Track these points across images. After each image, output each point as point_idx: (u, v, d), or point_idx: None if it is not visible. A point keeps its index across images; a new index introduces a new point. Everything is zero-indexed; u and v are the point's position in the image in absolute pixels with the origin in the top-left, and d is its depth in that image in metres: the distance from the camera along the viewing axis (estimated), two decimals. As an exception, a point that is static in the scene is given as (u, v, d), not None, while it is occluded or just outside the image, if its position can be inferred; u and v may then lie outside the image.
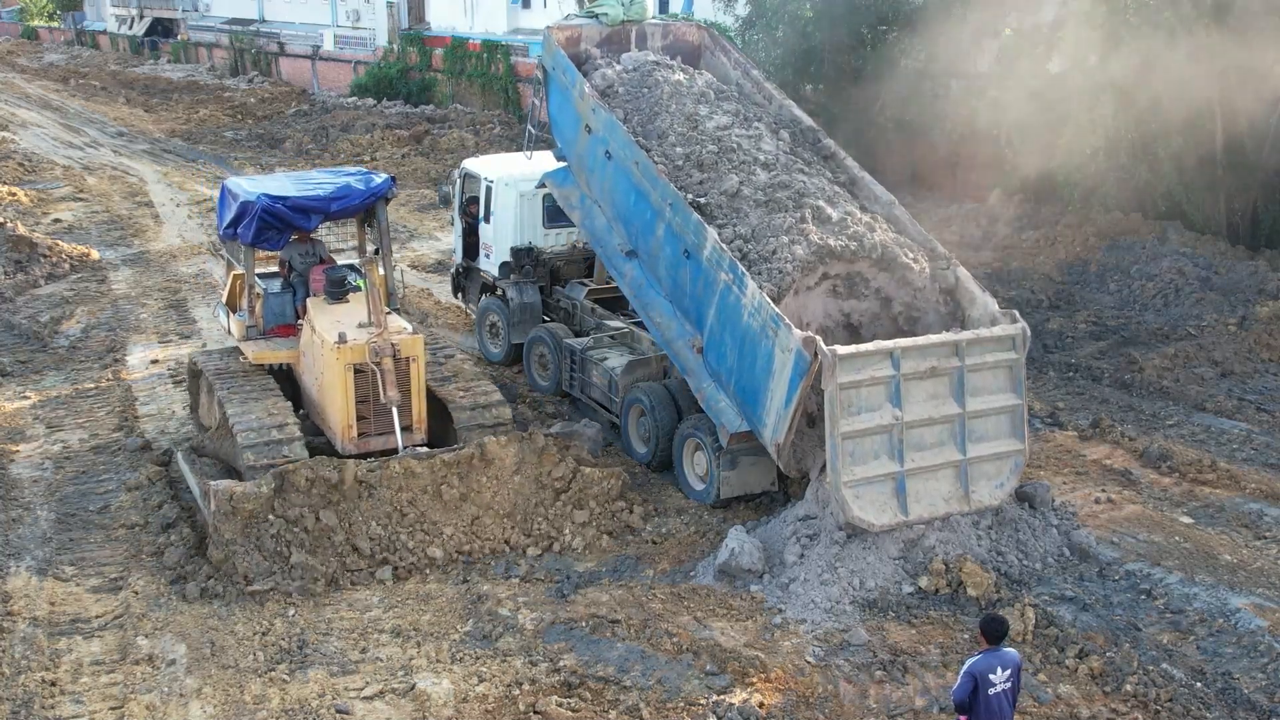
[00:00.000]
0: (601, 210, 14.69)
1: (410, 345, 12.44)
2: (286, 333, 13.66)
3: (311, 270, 13.72)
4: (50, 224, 26.61)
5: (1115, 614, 10.94)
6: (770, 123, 14.82)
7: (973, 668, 8.18)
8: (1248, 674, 10.12)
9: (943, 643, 10.52)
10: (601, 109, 14.35)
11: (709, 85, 15.25)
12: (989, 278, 21.04)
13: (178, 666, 10.17)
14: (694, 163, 13.80)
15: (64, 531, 12.52)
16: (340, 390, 12.22)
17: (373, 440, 12.47)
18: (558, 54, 15.34)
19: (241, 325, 13.70)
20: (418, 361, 12.51)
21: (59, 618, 10.91)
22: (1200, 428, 15.24)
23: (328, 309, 13.09)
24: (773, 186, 13.25)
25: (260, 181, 14.00)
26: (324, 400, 12.73)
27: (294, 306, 13.71)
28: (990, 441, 12.12)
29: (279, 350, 13.46)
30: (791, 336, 11.47)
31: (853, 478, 11.43)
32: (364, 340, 12.18)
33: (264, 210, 12.68)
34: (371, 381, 12.15)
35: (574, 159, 15.18)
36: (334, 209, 13.16)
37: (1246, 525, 12.67)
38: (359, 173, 14.22)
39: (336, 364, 12.17)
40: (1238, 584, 11.48)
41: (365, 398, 12.29)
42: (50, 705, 9.67)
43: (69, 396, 16.53)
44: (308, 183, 13.58)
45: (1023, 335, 12.33)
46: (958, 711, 8.35)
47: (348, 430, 12.40)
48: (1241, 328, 18.05)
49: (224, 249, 14.66)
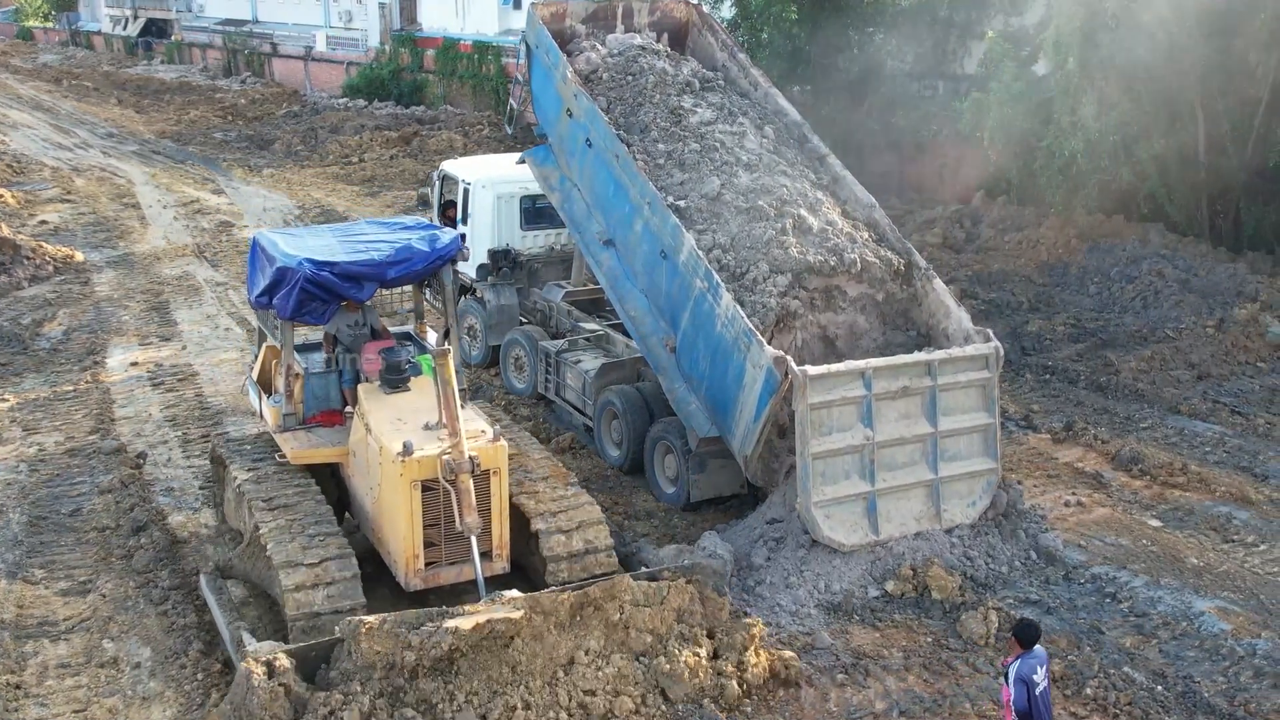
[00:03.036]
0: (581, 195, 14.50)
1: (492, 455, 9.88)
2: (330, 420, 11.27)
3: (363, 347, 11.36)
4: (36, 226, 26.64)
5: (1079, 617, 10.98)
6: (754, 117, 14.70)
7: (1021, 673, 8.24)
8: (1209, 677, 10.15)
9: (905, 645, 10.56)
10: (584, 96, 14.14)
11: (694, 74, 15.11)
12: (970, 279, 21.17)
13: (142, 670, 10.20)
14: (675, 161, 13.71)
15: (35, 535, 12.56)
16: (404, 513, 9.74)
17: (443, 572, 10.01)
18: (541, 31, 15.03)
19: (277, 413, 11.20)
20: (500, 474, 10.00)
21: (26, 620, 10.94)
22: (1174, 430, 15.27)
23: (384, 400, 10.62)
24: (754, 191, 13.18)
25: (300, 239, 11.35)
26: (381, 519, 10.28)
27: (340, 388, 11.34)
28: (963, 461, 12.09)
29: (324, 448, 10.98)
30: (763, 354, 11.44)
31: (823, 498, 11.41)
32: (435, 452, 9.63)
33: (307, 280, 10.37)
34: (444, 502, 9.71)
35: (555, 139, 14.97)
36: (391, 275, 10.87)
37: (1215, 528, 12.70)
38: (419, 226, 11.84)
39: (400, 481, 9.67)
40: (1203, 587, 11.52)
41: (435, 521, 9.83)
42: (15, 708, 9.69)
43: (47, 399, 16.56)
44: (359, 241, 11.20)
45: (995, 354, 12.27)
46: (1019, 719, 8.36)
47: (413, 562, 9.88)
48: (1220, 330, 18.09)
49: (255, 316, 12.27)
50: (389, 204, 28.90)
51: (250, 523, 10.50)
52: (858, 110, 28.20)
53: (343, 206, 28.75)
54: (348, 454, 10.89)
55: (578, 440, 14.86)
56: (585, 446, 14.66)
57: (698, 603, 9.71)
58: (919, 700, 9.82)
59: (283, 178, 32.88)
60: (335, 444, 10.94)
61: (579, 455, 14.54)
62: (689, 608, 9.65)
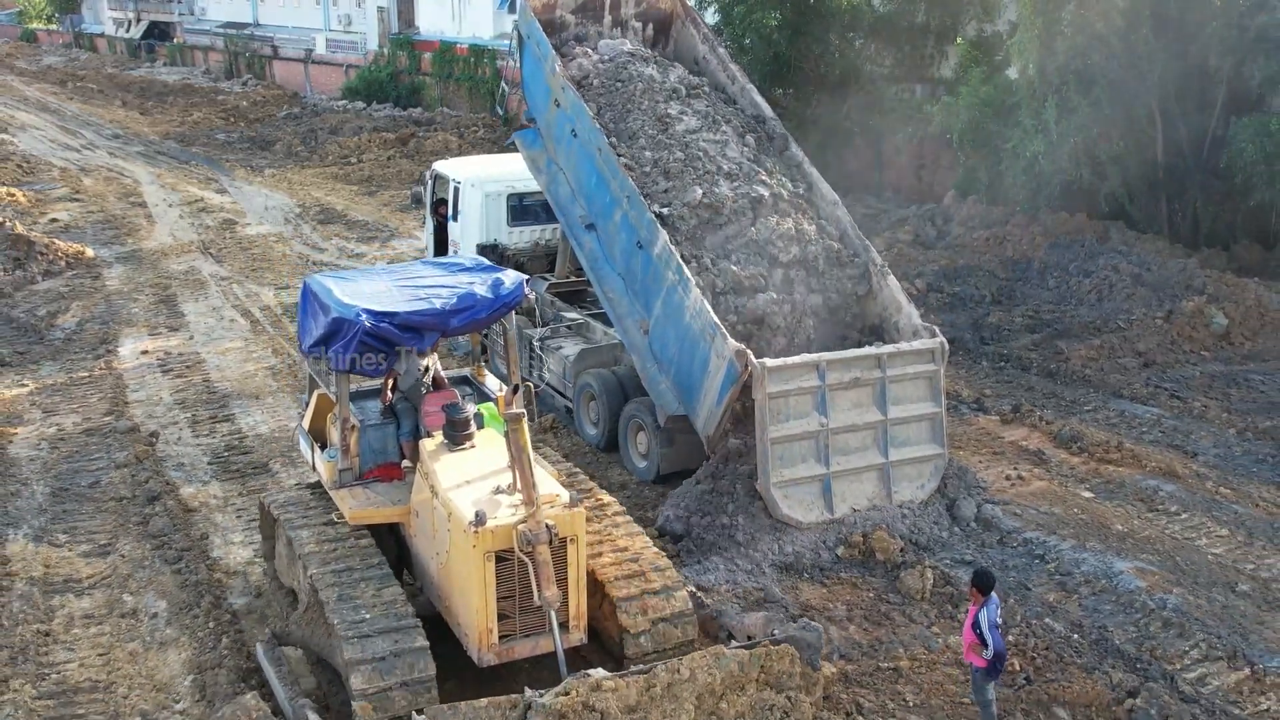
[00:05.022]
0: (566, 180, 15.46)
1: (569, 523, 9.19)
2: (388, 474, 10.62)
3: (425, 398, 10.69)
4: (48, 223, 27.76)
5: (1009, 576, 12.06)
6: (737, 125, 15.56)
7: (992, 619, 9.24)
8: (1121, 627, 11.23)
9: (849, 600, 11.65)
10: (571, 90, 15.06)
11: (681, 80, 15.94)
12: (937, 274, 22.28)
13: (159, 619, 11.31)
14: (661, 169, 14.57)
15: (58, 504, 13.66)
16: (477, 585, 9.04)
17: (518, 645, 9.30)
18: (532, 24, 15.93)
19: (333, 468, 10.49)
20: (578, 541, 9.29)
21: (53, 578, 12.05)
22: (1115, 413, 16.38)
23: (449, 458, 9.91)
24: (736, 201, 14.07)
25: (354, 284, 10.57)
26: (450, 588, 9.56)
27: (398, 441, 10.70)
28: (912, 446, 13.10)
29: (384, 508, 10.27)
30: (726, 346, 12.50)
31: (781, 479, 12.43)
32: (510, 521, 8.97)
33: (366, 333, 9.67)
34: (519, 573, 9.06)
35: (543, 125, 15.90)
36: (454, 325, 10.19)
37: (1142, 500, 13.79)
38: (478, 268, 11.08)
39: (473, 552, 8.96)
40: (1125, 550, 12.61)
41: (510, 593, 9.14)
42: (45, 653, 10.79)
43: (64, 384, 17.67)
44: (417, 287, 10.49)
45: (941, 349, 13.33)
46: (996, 661, 9.32)
47: (486, 636, 9.18)
48: (1168, 321, 19.18)
49: (306, 363, 11.62)
50: (386, 203, 30.04)
51: (305, 584, 10.01)
52: (837, 113, 29.33)
53: (341, 205, 29.88)
54: (409, 513, 10.22)
55: (559, 421, 15.97)
56: (566, 426, 15.77)
57: (795, 675, 9.10)
58: (858, 645, 10.91)
59: (284, 177, 34.01)
60: (395, 502, 10.28)
61: (560, 434, 15.65)
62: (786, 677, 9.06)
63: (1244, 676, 10.43)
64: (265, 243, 26.35)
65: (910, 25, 29.36)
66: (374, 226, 27.70)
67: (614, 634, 9.85)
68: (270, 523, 11.31)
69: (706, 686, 8.64)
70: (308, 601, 9.97)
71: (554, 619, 9.00)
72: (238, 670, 10.34)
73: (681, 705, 8.58)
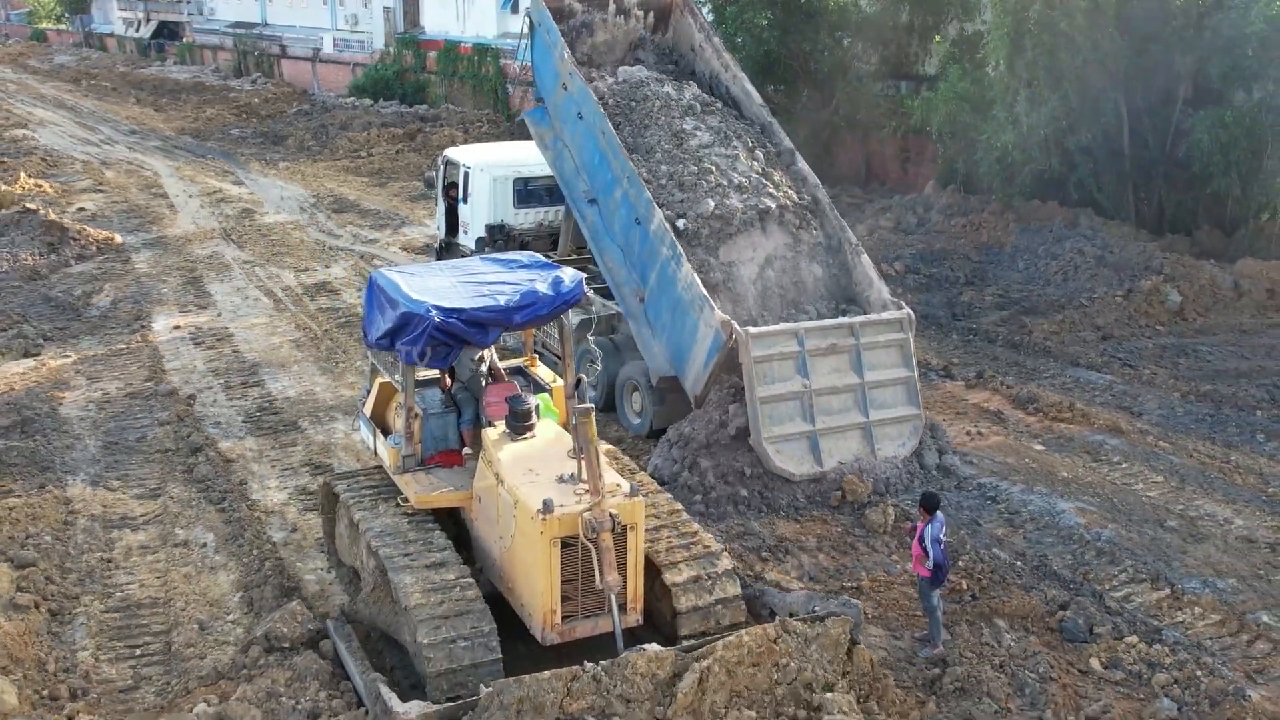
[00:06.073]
0: (571, 157, 16.84)
1: (630, 512, 9.71)
2: (449, 461, 11.11)
3: (485, 389, 11.21)
4: (75, 212, 29.22)
5: (963, 514, 13.54)
6: (747, 141, 16.63)
7: (935, 535, 10.67)
8: (1060, 555, 12.69)
9: (819, 534, 13.12)
10: (577, 75, 16.43)
11: (695, 98, 17.14)
12: (915, 256, 23.78)
13: (208, 548, 12.80)
14: (676, 182, 15.78)
15: (109, 455, 15.14)
16: (543, 569, 9.53)
17: (579, 625, 9.82)
18: (543, 11, 17.33)
19: (396, 454, 10.97)
20: (637, 530, 9.84)
21: (110, 516, 13.52)
22: (1071, 379, 17.86)
23: (511, 447, 10.39)
24: (745, 212, 15.32)
25: (420, 279, 11.06)
26: (514, 571, 10.07)
27: (458, 429, 11.21)
28: (890, 408, 14.46)
29: (447, 492, 10.74)
30: (713, 316, 13.94)
31: (772, 435, 13.79)
32: (576, 510, 9.48)
33: (436, 328, 10.15)
34: (582, 558, 9.57)
35: (551, 105, 17.29)
36: (517, 320, 10.68)
37: (1088, 452, 15.27)
38: (535, 265, 11.45)
39: (541, 538, 9.46)
40: (1068, 493, 14.08)
41: (572, 576, 9.64)
42: (108, 576, 12.27)
43: (104, 355, 19.15)
44: (481, 284, 10.94)
45: (908, 319, 14.74)
46: (938, 571, 10.75)
47: (550, 617, 9.67)
48: (1126, 299, 20.67)
49: (369, 354, 12.23)
50: (396, 193, 31.56)
51: (371, 565, 10.56)
52: (826, 108, 30.84)
53: (354, 195, 31.40)
54: (471, 498, 10.71)
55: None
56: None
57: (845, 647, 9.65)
58: (825, 570, 12.39)
59: (297, 170, 35.53)
60: (458, 487, 10.76)
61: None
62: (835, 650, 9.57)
63: (1164, 595, 11.89)
64: (283, 230, 27.88)
65: (895, 24, 30.83)
66: (386, 215, 29.24)
67: (666, 615, 10.31)
68: (332, 503, 11.79)
69: (766, 657, 9.13)
70: (374, 582, 10.48)
71: (614, 601, 9.51)
72: (280, 587, 11.81)
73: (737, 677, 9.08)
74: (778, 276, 15.41)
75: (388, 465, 11.19)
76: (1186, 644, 10.89)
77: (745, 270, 15.27)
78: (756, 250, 15.35)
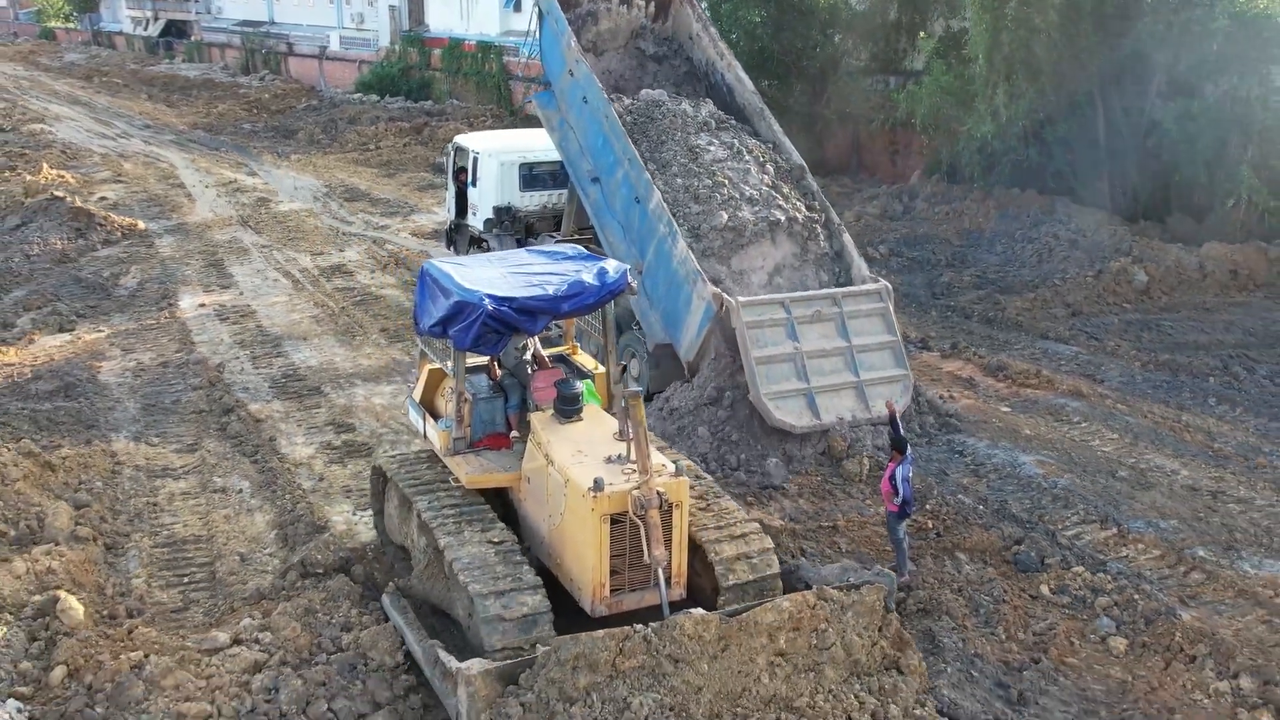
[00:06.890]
0: (575, 138, 18.02)
1: (676, 490, 10.13)
2: (496, 443, 11.53)
3: (533, 375, 11.64)
4: (97, 201, 30.49)
5: (931, 465, 14.79)
6: (758, 156, 17.60)
7: (904, 474, 11.92)
8: (1018, 500, 13.95)
9: (800, 482, 14.39)
10: (583, 63, 17.60)
11: (710, 115, 18.15)
12: (899, 241, 25.07)
13: (245, 494, 14.08)
14: (691, 195, 16.78)
15: (148, 415, 16.42)
16: (593, 545, 9.97)
17: (626, 599, 10.26)
18: (552, 2, 18.43)
19: (447, 436, 11.40)
20: (682, 508, 10.26)
21: (153, 467, 14.79)
22: (1039, 350, 19.14)
23: (560, 430, 10.85)
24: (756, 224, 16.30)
25: (471, 270, 11.44)
26: (564, 548, 10.53)
27: (505, 413, 11.60)
28: (879, 370, 15.59)
29: (497, 473, 11.19)
30: (705, 289, 15.15)
31: (770, 391, 14.88)
32: (625, 488, 9.88)
33: (489, 316, 10.52)
34: (630, 534, 10.01)
35: (557, 90, 18.47)
36: (565, 309, 11.03)
37: (1051, 413, 16.54)
38: (579, 257, 11.81)
39: (591, 515, 9.88)
40: (1030, 449, 15.33)
41: (621, 551, 10.08)
42: (154, 518, 13.54)
43: (135, 330, 20.42)
44: (529, 274, 11.31)
45: (885, 290, 15.94)
46: (904, 506, 12.04)
47: (599, 590, 10.12)
48: (1096, 278, 21.94)
49: (419, 340, 12.68)
50: (405, 183, 32.87)
51: (424, 543, 11.08)
52: (818, 102, 32.15)
53: (364, 185, 32.70)
54: (520, 479, 11.15)
55: (564, 356, 18.69)
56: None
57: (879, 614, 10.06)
58: (804, 512, 13.66)
59: (309, 162, 36.84)
60: (507, 469, 11.19)
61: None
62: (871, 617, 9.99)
63: (1111, 534, 13.15)
64: (298, 217, 29.18)
65: (884, 22, 32.16)
66: (396, 203, 30.56)
67: (707, 590, 10.76)
68: (382, 483, 12.25)
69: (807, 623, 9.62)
70: (426, 560, 10.94)
71: (660, 575, 9.91)
72: (311, 525, 13.10)
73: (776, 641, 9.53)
74: (786, 284, 16.45)
75: (438, 448, 11.61)
76: (1128, 574, 12.15)
77: (756, 278, 16.35)
78: (766, 259, 16.47)
